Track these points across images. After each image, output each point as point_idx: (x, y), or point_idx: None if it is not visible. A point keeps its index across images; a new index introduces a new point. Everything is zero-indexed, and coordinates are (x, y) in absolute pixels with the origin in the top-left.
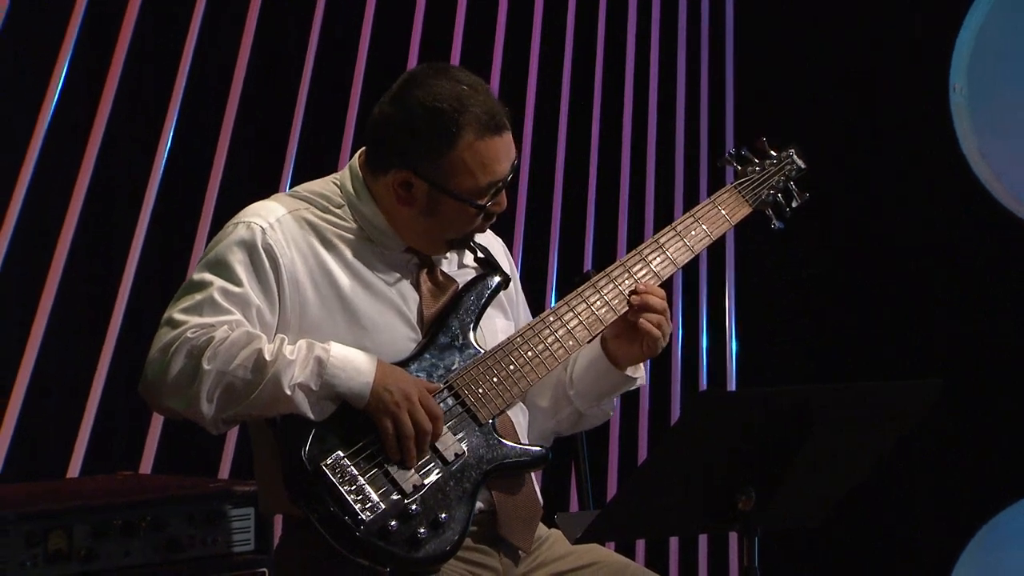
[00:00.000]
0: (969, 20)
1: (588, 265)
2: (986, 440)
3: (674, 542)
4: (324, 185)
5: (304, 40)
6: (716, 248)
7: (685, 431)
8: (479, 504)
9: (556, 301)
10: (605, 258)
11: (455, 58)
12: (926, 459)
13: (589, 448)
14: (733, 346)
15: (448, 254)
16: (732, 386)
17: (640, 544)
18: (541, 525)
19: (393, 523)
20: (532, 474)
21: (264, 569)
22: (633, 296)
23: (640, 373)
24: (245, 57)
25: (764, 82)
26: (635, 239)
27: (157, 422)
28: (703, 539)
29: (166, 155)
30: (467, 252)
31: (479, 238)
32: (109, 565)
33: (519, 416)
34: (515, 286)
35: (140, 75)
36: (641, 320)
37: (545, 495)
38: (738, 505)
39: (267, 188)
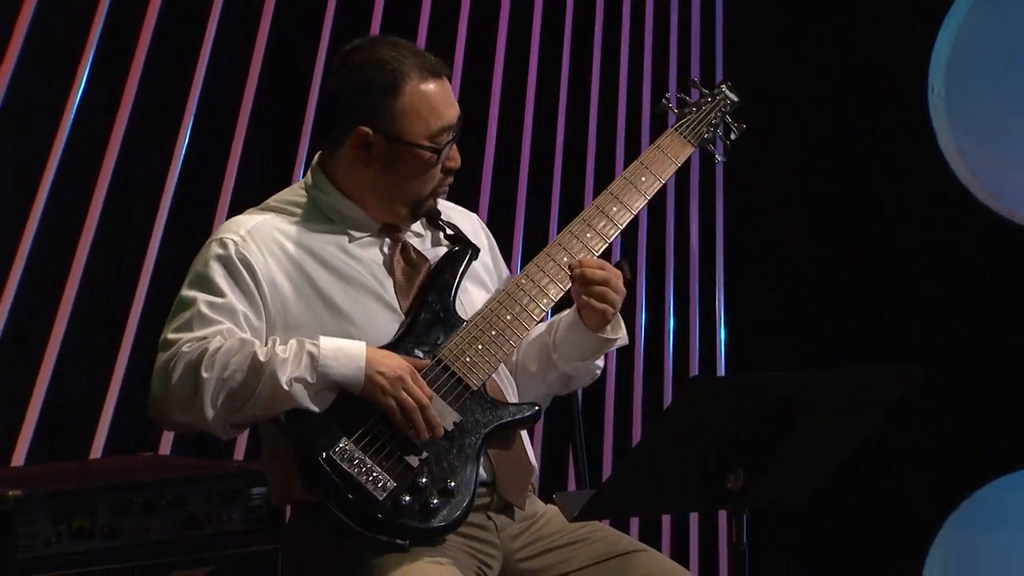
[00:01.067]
0: (946, 26)
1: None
2: (963, 420)
3: (667, 520)
4: (290, 191)
5: (315, 40)
6: (707, 242)
7: (677, 414)
8: (481, 472)
9: None
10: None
11: (459, 53)
12: (905, 438)
13: (585, 430)
14: (722, 334)
15: (421, 231)
16: (722, 372)
17: (634, 522)
18: (538, 502)
19: (407, 498)
20: (524, 436)
21: (277, 546)
22: (573, 271)
23: (620, 333)
24: (258, 61)
25: (752, 82)
26: None
27: None
28: (694, 517)
29: (184, 149)
30: (439, 232)
31: (448, 216)
32: (130, 542)
33: (504, 380)
34: (492, 256)
35: (157, 80)
36: (583, 297)
37: (544, 475)
38: (727, 485)
39: (280, 184)
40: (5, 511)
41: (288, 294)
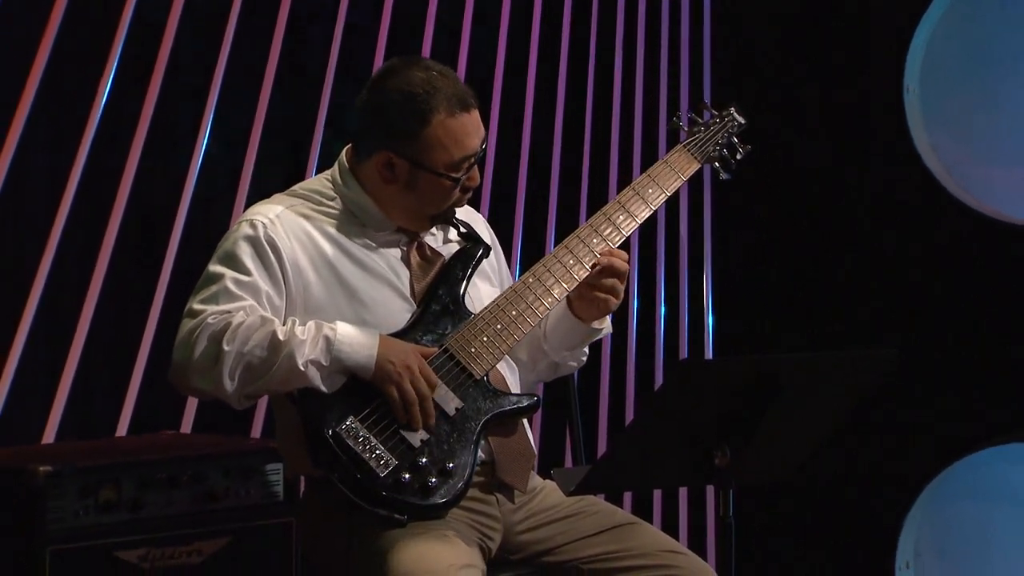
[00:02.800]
0: (920, 31)
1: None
2: (937, 400)
3: (657, 494)
4: (317, 182)
5: (327, 41)
6: (696, 231)
7: (667, 395)
8: (480, 454)
9: None
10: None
11: (463, 49)
12: (883, 416)
13: (581, 410)
14: (710, 320)
15: (434, 230)
16: (709, 355)
17: (627, 497)
18: (536, 477)
19: (406, 476)
20: (525, 424)
21: (292, 519)
22: (601, 257)
23: (605, 324)
24: (273, 65)
25: (740, 77)
26: None
27: None
28: (683, 492)
29: (204, 144)
30: (451, 228)
31: (461, 214)
32: (153, 514)
33: (507, 371)
34: (497, 257)
35: (178, 76)
36: (592, 290)
37: (542, 452)
38: (715, 461)
39: (296, 175)
40: (36, 486)
41: (310, 278)
